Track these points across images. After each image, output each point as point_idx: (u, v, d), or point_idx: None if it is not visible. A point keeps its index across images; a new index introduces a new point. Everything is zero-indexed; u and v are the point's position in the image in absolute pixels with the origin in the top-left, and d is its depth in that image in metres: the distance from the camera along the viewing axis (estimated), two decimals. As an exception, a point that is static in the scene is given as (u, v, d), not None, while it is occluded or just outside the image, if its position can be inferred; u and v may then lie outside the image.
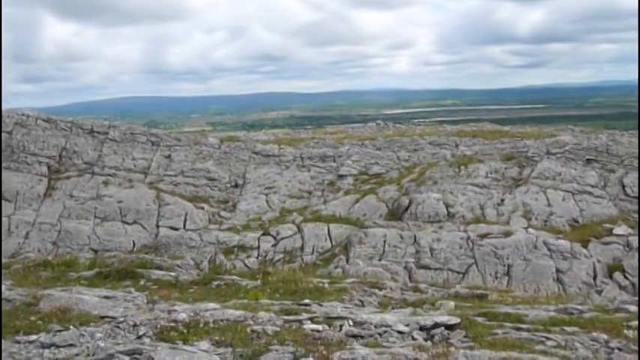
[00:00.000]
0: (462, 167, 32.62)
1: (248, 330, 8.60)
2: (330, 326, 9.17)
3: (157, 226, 29.76)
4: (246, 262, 25.26)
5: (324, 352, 7.45)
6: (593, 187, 29.80)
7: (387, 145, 40.86)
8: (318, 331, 8.78)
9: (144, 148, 36.01)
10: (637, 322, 9.72)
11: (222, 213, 31.53)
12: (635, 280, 23.00)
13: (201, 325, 8.69)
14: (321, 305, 11.42)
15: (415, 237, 25.45)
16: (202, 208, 31.44)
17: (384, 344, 8.30)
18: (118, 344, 7.57)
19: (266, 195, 33.54)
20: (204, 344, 7.76)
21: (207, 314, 9.30)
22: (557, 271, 23.49)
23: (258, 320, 9.25)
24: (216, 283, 14.29)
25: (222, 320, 9.03)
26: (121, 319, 9.05)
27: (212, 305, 10.12)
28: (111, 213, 30.05)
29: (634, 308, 11.21)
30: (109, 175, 33.00)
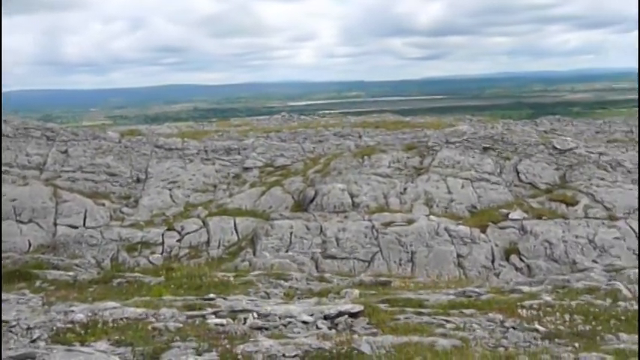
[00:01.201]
0: (366, 157, 33.10)
1: (149, 328, 8.40)
2: (234, 320, 9.10)
3: (55, 225, 28.56)
4: (150, 258, 24.68)
5: (228, 346, 7.38)
6: (489, 174, 30.92)
7: (292, 137, 40.95)
8: (222, 325, 8.69)
9: (38, 144, 34.48)
10: (530, 302, 10.18)
11: (124, 209, 30.64)
12: (531, 261, 24.03)
13: (99, 325, 8.41)
14: (225, 299, 11.31)
15: (321, 227, 25.63)
16: (103, 205, 30.44)
17: (289, 335, 8.30)
18: (10, 349, 7.20)
19: (170, 189, 32.86)
20: (103, 344, 7.51)
21: (107, 313, 9.02)
22: (458, 256, 24.24)
23: (160, 317, 9.06)
24: (117, 281, 13.89)
25: (122, 319, 8.77)
26: (14, 322, 8.63)
27: (112, 304, 9.83)
28: (4, 212, 28.61)
29: (527, 289, 11.73)
30: (2, 172, 31.41)
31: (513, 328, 8.86)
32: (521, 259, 24.33)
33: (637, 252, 24.13)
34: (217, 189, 33.17)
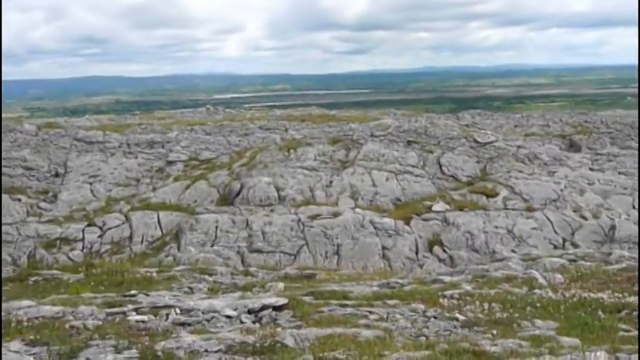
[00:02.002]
0: (292, 151, 33.11)
1: (66, 326, 8.13)
2: (156, 316, 8.92)
3: (-32, 222, 27.35)
4: (69, 255, 23.94)
5: (148, 343, 7.22)
6: (413, 167, 31.46)
7: (218, 130, 40.52)
8: (143, 321, 8.50)
9: (-51, 137, 32.93)
10: (451, 292, 10.41)
11: (42, 204, 29.60)
12: (453, 252, 24.56)
13: (13, 324, 8.08)
14: (147, 295, 11.09)
15: (247, 221, 25.47)
16: (19, 200, 29.31)
17: (212, 330, 8.20)
18: None
19: (90, 184, 31.96)
20: (16, 344, 7.22)
21: (21, 312, 8.69)
22: (383, 247, 24.51)
23: (78, 315, 8.79)
24: (33, 279, 13.42)
25: (37, 318, 8.47)
26: None
27: (27, 302, 9.47)
28: None
29: (449, 279, 11.99)
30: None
31: (435, 317, 9.04)
32: (444, 250, 24.83)
33: (556, 242, 25.05)
34: (140, 183, 32.49)
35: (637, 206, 29.91)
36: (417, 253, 24.61)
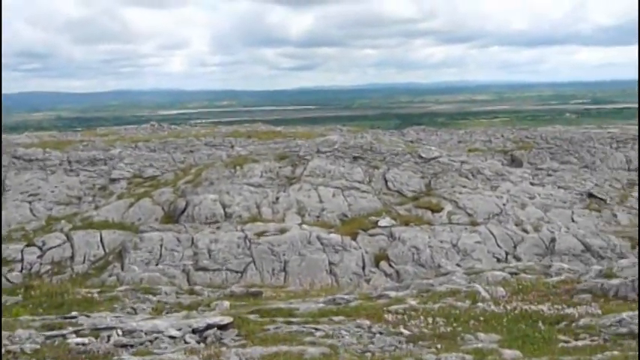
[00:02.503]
0: (238, 167, 32.94)
1: (2, 351, 7.85)
2: (97, 338, 8.70)
3: None
4: (7, 276, 23.19)
5: (89, 366, 7.03)
6: (359, 182, 31.67)
7: (162, 147, 40.04)
8: (83, 344, 8.28)
9: None
10: (397, 307, 10.47)
11: (-21, 224, 28.65)
12: (400, 267, 24.75)
13: (-55, 350, 7.77)
14: (89, 317, 10.82)
15: (193, 239, 25.18)
16: (-45, 220, 28.34)
17: (155, 351, 8.05)
18: None
19: (29, 202, 31.11)
20: (-52, 372, 6.93)
21: (-46, 338, 8.34)
22: (330, 263, 24.53)
23: (15, 339, 8.50)
24: (-32, 302, 12.93)
25: (-29, 343, 8.15)
26: None
27: (-40, 327, 9.10)
28: None
29: (394, 294, 12.07)
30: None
31: (380, 332, 9.08)
32: (390, 265, 25.00)
33: (499, 255, 25.51)
34: (82, 201, 31.81)
35: (575, 219, 30.80)
36: (363, 268, 24.71)
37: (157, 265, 23.64)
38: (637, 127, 50.06)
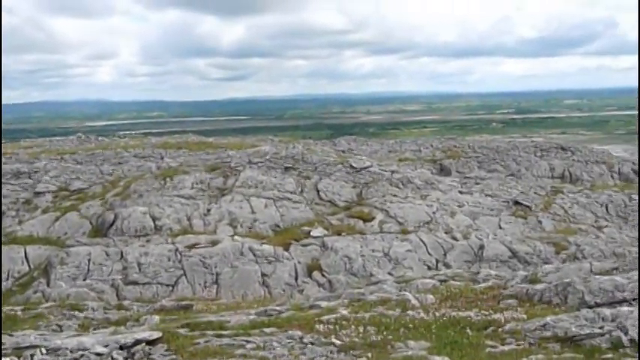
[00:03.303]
0: (168, 179, 32.44)
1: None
2: (19, 358, 8.38)
3: None
4: None
5: (9, 388, 6.75)
6: (291, 193, 31.67)
7: (90, 159, 39.05)
8: (4, 365, 7.95)
9: None
10: (328, 317, 10.49)
11: None
12: (332, 277, 24.82)
13: None
14: (11, 335, 10.41)
15: (122, 253, 24.61)
16: None
17: (80, 369, 7.80)
18: None
19: (-52, 218, 29.79)
20: None
21: None
22: (263, 274, 24.39)
23: None
24: None
25: None
26: None
27: None
28: None
29: (325, 304, 12.09)
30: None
31: (312, 343, 9.07)
32: (323, 275, 25.03)
33: (430, 263, 25.92)
34: (5, 216, 30.65)
35: (502, 226, 31.64)
36: (296, 278, 24.67)
37: (84, 280, 22.98)
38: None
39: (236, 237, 26.81)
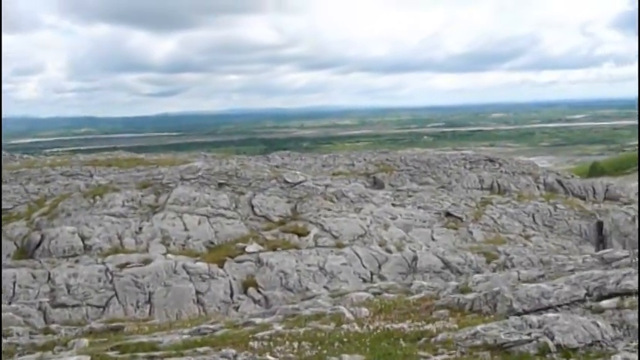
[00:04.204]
0: (97, 197, 31.68)
1: None
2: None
3: None
4: None
5: None
6: (225, 209, 31.39)
7: (14, 178, 37.72)
8: None
9: None
10: (262, 333, 10.41)
11: None
12: (268, 292, 24.71)
13: None
14: None
15: (49, 274, 23.81)
16: None
17: (3, 398, 7.49)
18: None
19: None
20: None
21: None
22: (197, 292, 24.05)
23: None
24: None
25: None
26: None
27: None
28: None
29: (260, 320, 12.01)
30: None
31: (245, 361, 9.00)
32: (258, 291, 24.89)
33: (365, 276, 26.11)
34: None
35: (435, 237, 32.22)
36: (231, 295, 24.44)
37: (9, 304, 22.10)
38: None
39: (169, 255, 26.37)
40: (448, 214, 34.99)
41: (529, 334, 9.50)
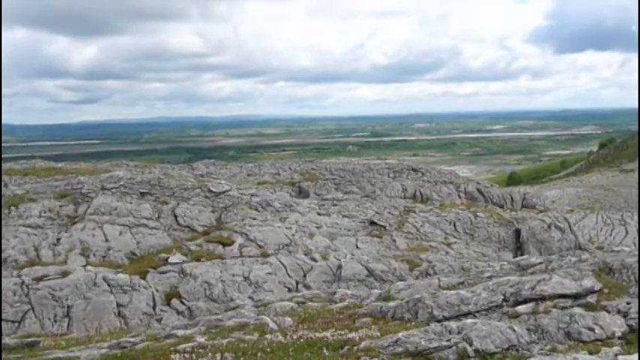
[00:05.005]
0: (13, 208, 30.46)
1: None
2: None
3: None
4: None
5: None
6: (148, 219, 30.77)
7: None
8: None
9: None
10: (184, 345, 10.26)
11: None
12: (192, 304, 24.36)
13: None
14: None
15: (-40, 289, 22.76)
16: None
17: None
18: None
19: None
20: None
21: None
22: (119, 305, 23.49)
23: None
24: None
25: None
26: None
27: None
28: None
29: (182, 332, 11.82)
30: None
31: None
32: (182, 302, 24.52)
33: (290, 285, 26.10)
34: None
35: (359, 246, 32.57)
36: (154, 307, 23.98)
37: None
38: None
39: (89, 267, 25.62)
40: (372, 223, 35.43)
41: (448, 340, 9.72)
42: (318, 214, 36.14)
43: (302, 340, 10.51)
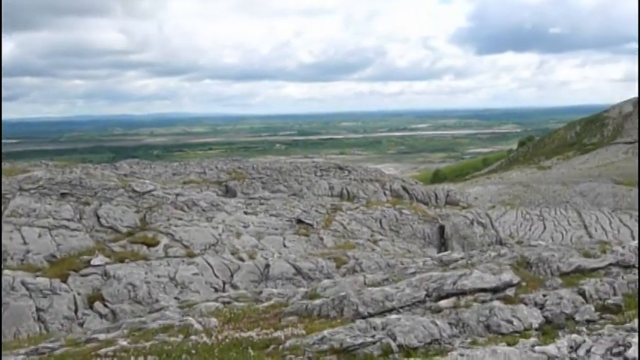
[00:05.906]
0: None
1: None
2: None
3: None
4: None
5: None
6: (69, 220, 29.91)
7: None
8: None
9: None
10: (106, 349, 10.03)
11: None
12: (115, 306, 23.83)
13: None
14: None
15: None
16: None
17: None
18: None
19: None
20: None
21: None
22: (38, 309, 22.74)
23: None
24: None
25: None
26: None
27: None
28: None
29: (104, 336, 11.56)
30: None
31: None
32: (105, 305, 23.95)
33: (217, 285, 25.87)
34: None
35: (287, 244, 32.59)
36: (76, 311, 23.33)
37: None
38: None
39: (6, 271, 24.69)
40: (299, 221, 35.51)
41: (373, 336, 9.86)
42: (245, 213, 35.96)
43: (227, 340, 10.45)
